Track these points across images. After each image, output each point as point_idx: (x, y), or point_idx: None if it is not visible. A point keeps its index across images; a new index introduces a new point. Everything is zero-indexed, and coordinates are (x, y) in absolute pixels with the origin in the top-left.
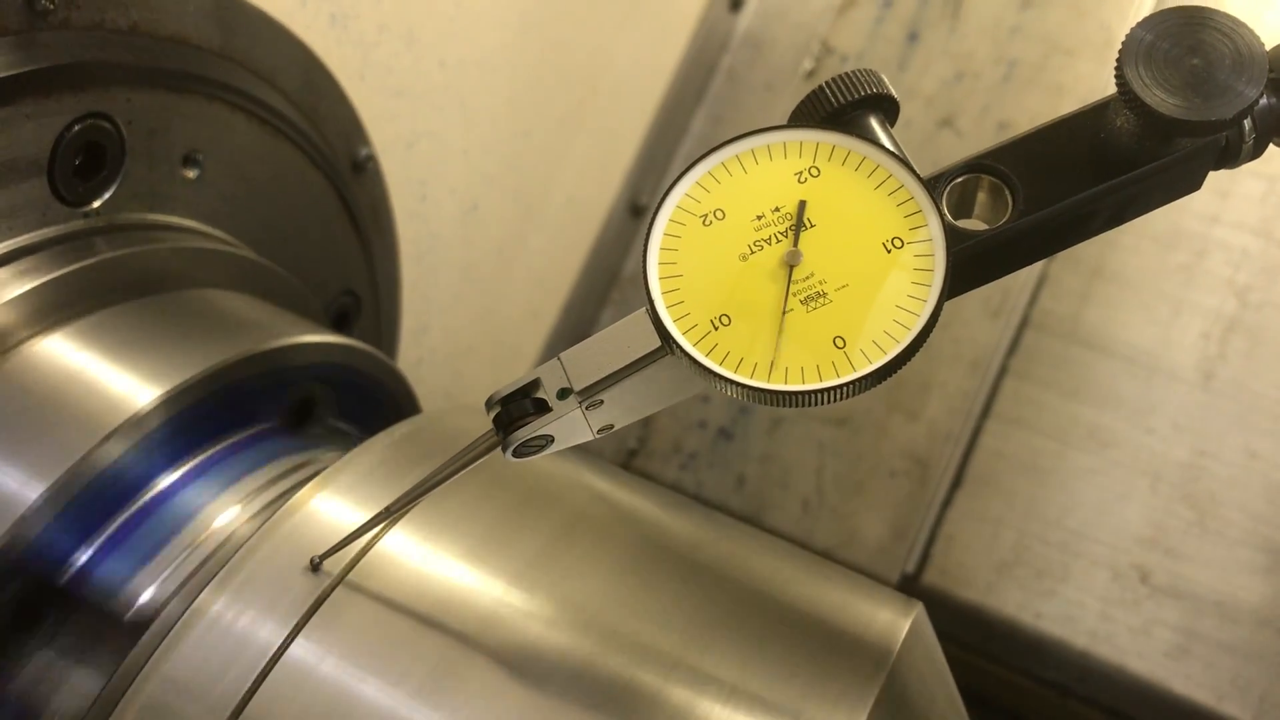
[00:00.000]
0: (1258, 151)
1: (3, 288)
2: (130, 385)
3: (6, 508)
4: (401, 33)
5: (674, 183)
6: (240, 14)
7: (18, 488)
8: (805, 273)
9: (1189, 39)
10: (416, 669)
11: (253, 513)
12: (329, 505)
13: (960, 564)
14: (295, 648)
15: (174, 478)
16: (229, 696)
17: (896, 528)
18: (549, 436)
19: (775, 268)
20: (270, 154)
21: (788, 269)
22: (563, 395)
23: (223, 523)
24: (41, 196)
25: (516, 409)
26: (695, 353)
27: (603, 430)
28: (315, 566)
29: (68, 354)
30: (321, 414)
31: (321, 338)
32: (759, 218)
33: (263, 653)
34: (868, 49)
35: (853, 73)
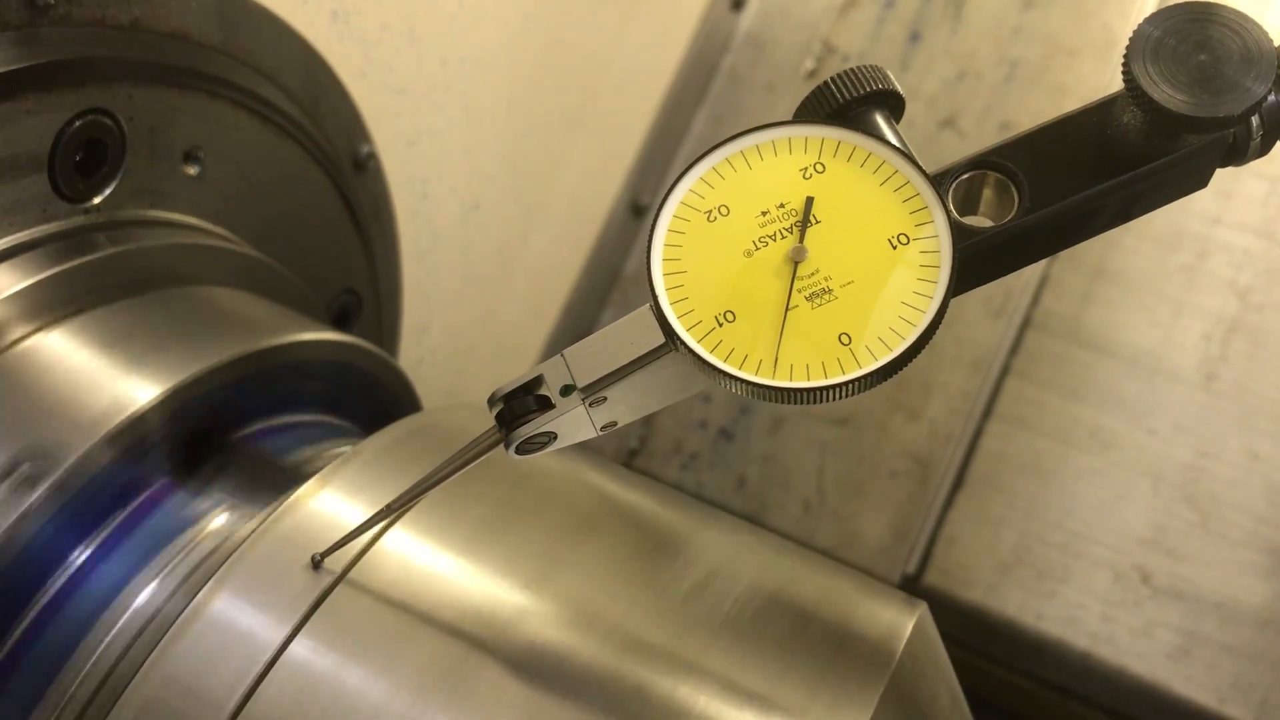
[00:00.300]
0: (1265, 149)
1: (3, 283)
2: (130, 382)
3: (4, 506)
4: (403, 30)
5: (678, 179)
6: (242, 10)
7: (13, 489)
8: (810, 269)
9: (1197, 35)
10: (418, 667)
11: (253, 511)
12: (330, 502)
13: (961, 565)
14: (296, 646)
15: (173, 475)
16: (229, 695)
17: (897, 528)
18: (552, 433)
19: (780, 264)
20: (271, 151)
21: (792, 265)
22: (566, 392)
23: (222, 521)
24: (42, 192)
25: (519, 406)
26: (699, 349)
27: (606, 427)
28: (316, 564)
29: (68, 350)
30: (337, 414)
31: (323, 335)
32: (764, 214)
33: (263, 651)
34: (869, 49)
35: (858, 69)
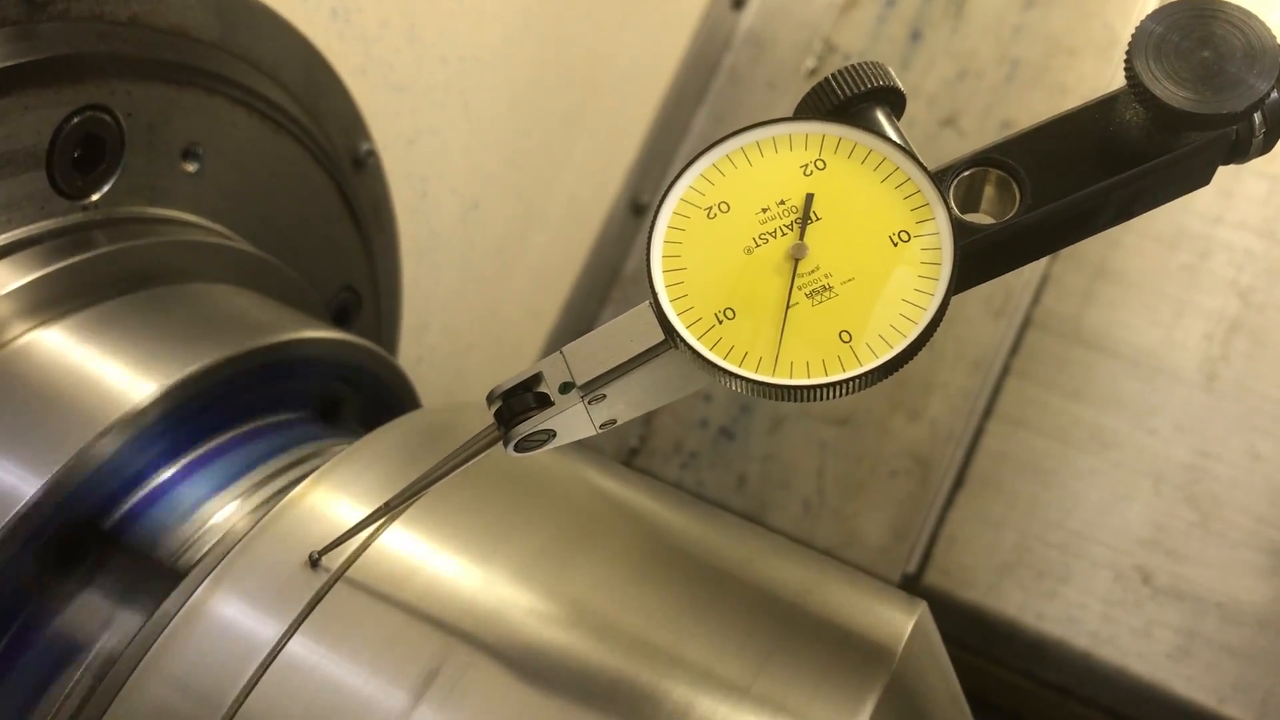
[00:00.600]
0: (1268, 146)
1: (1, 281)
2: (128, 379)
3: (2, 503)
4: (403, 28)
5: (678, 175)
6: (241, 7)
7: (14, 483)
8: (810, 266)
9: (1200, 31)
10: (415, 666)
11: (251, 508)
12: (328, 500)
13: (961, 565)
14: (293, 644)
15: (171, 473)
16: (226, 693)
17: (898, 528)
18: (551, 431)
19: (780, 261)
20: (271, 148)
21: (793, 262)
22: (565, 389)
23: (220, 518)
24: (40, 189)
25: (518, 403)
26: (699, 346)
27: (605, 425)
28: (314, 562)
29: (66, 348)
30: (336, 412)
31: (322, 333)
32: (764, 211)
33: (261, 649)
34: (870, 48)
35: (859, 65)
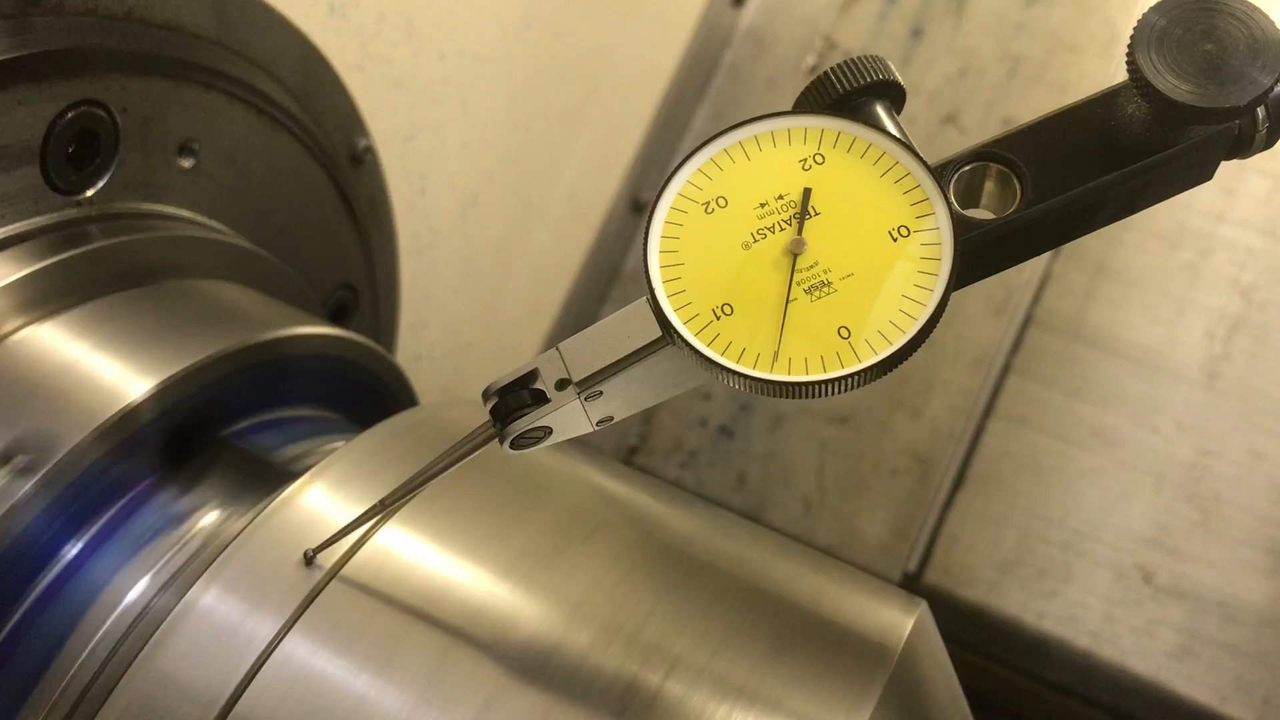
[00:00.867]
0: (1271, 141)
1: None
2: (123, 376)
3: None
4: (400, 24)
5: (676, 169)
6: (237, 2)
7: (6, 481)
8: (809, 261)
9: (1203, 24)
10: (411, 664)
11: (245, 506)
12: (323, 498)
13: (962, 563)
14: (288, 642)
15: (166, 470)
16: (220, 692)
17: (898, 527)
18: (547, 428)
19: (779, 256)
20: (267, 144)
21: (791, 258)
22: (561, 386)
23: (213, 517)
24: (34, 184)
25: (514, 400)
26: (696, 343)
27: (602, 422)
28: (309, 560)
29: (60, 344)
30: (333, 409)
31: (319, 330)
32: (762, 205)
33: (255, 647)
34: (871, 45)
35: (859, 59)
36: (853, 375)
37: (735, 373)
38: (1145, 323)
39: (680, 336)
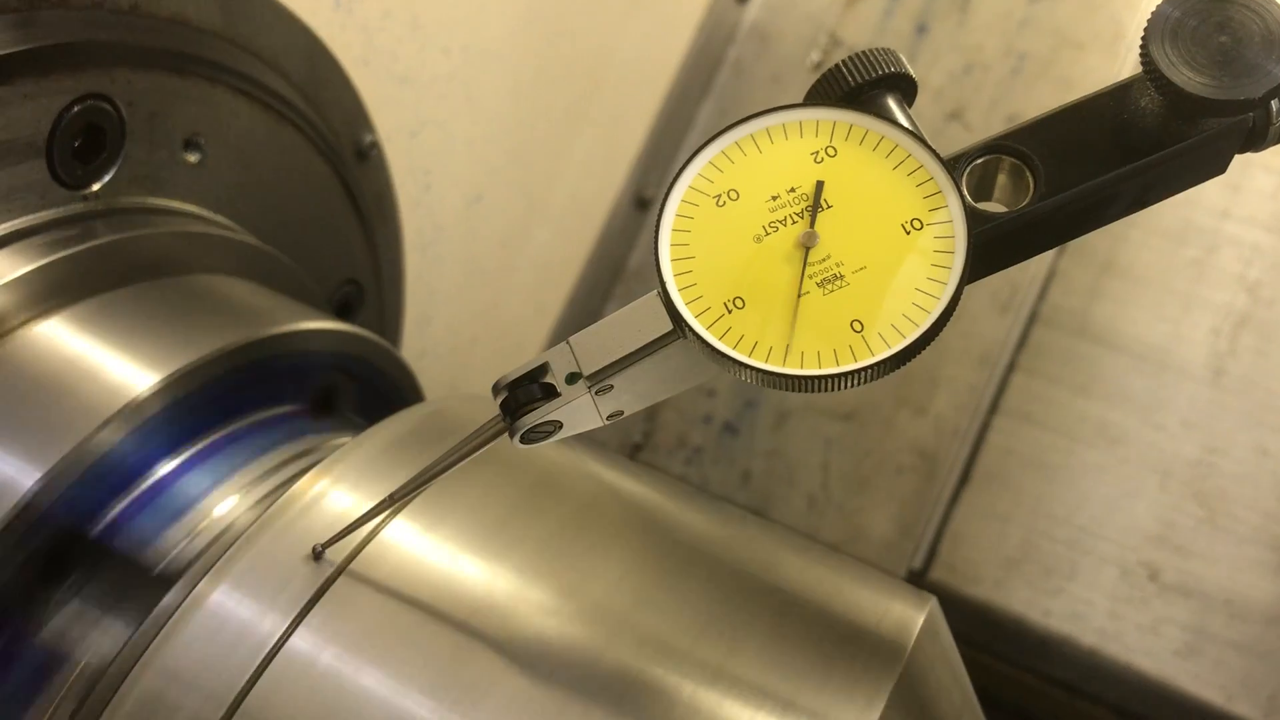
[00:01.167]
0: None
1: (0, 271)
2: (129, 370)
3: (4, 493)
4: (406, 19)
5: (687, 162)
6: None
7: (14, 474)
8: (821, 255)
9: (1217, 16)
10: (420, 660)
11: (254, 501)
12: (331, 493)
13: (967, 561)
14: (296, 638)
15: (173, 465)
16: (228, 687)
17: (903, 524)
18: (557, 422)
19: (790, 250)
20: (273, 139)
21: (803, 251)
22: (571, 380)
23: (223, 511)
24: (40, 179)
25: (524, 394)
26: (708, 336)
27: (612, 417)
28: (317, 555)
29: (66, 338)
30: (339, 404)
31: (325, 325)
32: (774, 198)
33: (263, 643)
34: (875, 41)
35: (870, 51)
36: (866, 369)
37: (747, 366)
38: (1151, 320)
39: (691, 330)
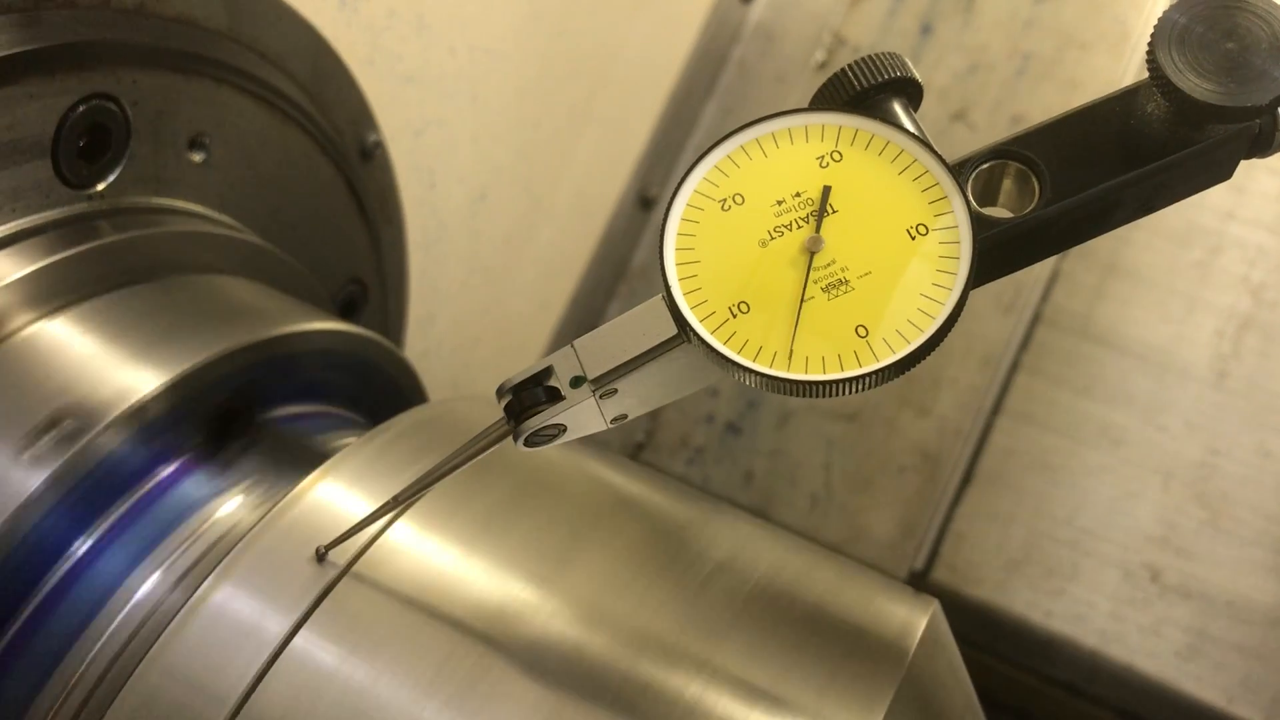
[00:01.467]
0: None
1: (4, 270)
2: (133, 371)
3: (6, 496)
4: (411, 18)
5: (692, 166)
6: None
7: (19, 475)
8: (826, 259)
9: (1224, 22)
10: (424, 661)
11: (257, 502)
12: (335, 494)
13: (969, 561)
14: (300, 639)
15: (176, 465)
16: (232, 689)
17: (905, 524)
18: (561, 426)
19: (796, 254)
20: (278, 139)
21: (808, 255)
22: (576, 383)
23: (226, 512)
24: (45, 178)
25: (528, 397)
26: (712, 340)
27: (616, 420)
28: (321, 556)
29: (70, 338)
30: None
31: (329, 325)
32: (779, 203)
33: (267, 644)
34: (880, 41)
35: (876, 56)
36: (870, 374)
37: (751, 371)
38: (1154, 321)
39: (696, 334)
